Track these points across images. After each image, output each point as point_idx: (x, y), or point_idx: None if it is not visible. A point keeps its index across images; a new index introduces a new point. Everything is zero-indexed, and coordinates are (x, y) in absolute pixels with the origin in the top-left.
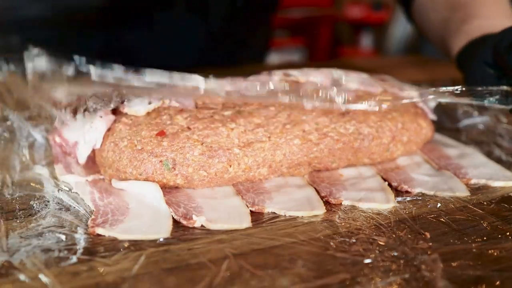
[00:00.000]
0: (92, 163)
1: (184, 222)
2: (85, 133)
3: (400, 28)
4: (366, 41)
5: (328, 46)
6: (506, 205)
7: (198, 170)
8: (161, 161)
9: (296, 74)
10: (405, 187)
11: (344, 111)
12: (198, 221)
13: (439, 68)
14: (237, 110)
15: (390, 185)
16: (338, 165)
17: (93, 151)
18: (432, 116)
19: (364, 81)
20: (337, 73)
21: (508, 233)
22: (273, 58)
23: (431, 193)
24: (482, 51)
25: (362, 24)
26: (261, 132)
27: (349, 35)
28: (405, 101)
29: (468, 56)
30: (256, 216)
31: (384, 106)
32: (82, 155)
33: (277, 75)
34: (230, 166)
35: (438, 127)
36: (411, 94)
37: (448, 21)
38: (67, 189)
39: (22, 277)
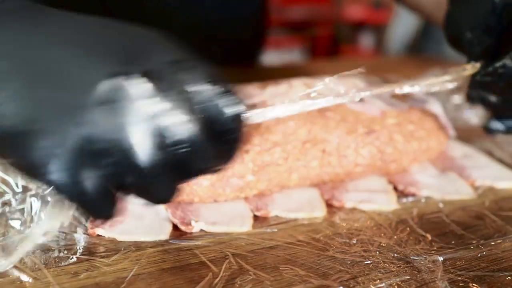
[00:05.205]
0: None
1: (182, 228)
2: None
3: (400, 28)
4: (366, 40)
5: (328, 46)
6: (508, 206)
7: (206, 198)
8: None
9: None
10: (412, 190)
11: (369, 130)
12: (196, 226)
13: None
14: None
15: (395, 188)
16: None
17: None
18: (452, 132)
19: (388, 98)
20: (361, 92)
21: (509, 234)
22: (273, 57)
23: (438, 195)
24: None
25: (362, 24)
26: (278, 152)
27: (349, 35)
28: None
29: None
30: (256, 217)
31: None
32: None
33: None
34: (242, 192)
35: None
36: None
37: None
38: None
39: (22, 276)
